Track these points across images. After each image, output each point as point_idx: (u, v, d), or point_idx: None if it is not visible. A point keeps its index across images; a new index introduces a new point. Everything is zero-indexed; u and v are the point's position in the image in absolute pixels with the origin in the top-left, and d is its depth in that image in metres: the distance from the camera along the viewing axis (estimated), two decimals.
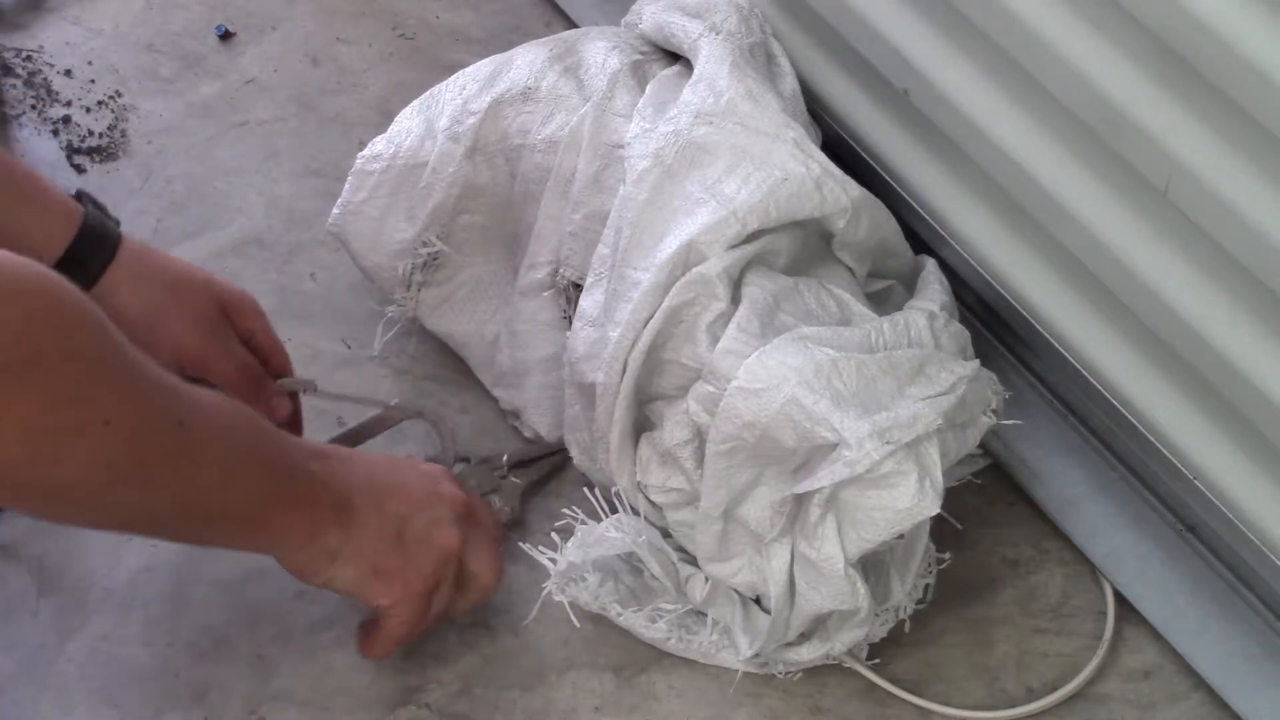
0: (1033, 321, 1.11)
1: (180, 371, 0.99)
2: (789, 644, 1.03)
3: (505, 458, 1.14)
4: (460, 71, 1.18)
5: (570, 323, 1.10)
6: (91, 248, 0.99)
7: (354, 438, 1.13)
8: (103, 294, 0.99)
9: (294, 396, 1.11)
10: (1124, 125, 0.95)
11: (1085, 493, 1.14)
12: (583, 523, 1.06)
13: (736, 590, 1.05)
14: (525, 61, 1.16)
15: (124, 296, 1.00)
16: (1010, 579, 1.12)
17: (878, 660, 1.06)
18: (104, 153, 1.34)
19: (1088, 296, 1.06)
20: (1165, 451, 1.05)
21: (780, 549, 1.01)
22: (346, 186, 1.18)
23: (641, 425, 1.07)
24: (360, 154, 1.17)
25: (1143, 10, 0.90)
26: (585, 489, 1.10)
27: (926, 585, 1.07)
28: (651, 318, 1.02)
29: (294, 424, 1.11)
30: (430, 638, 1.06)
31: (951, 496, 1.07)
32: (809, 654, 1.03)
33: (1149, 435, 1.05)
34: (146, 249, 1.03)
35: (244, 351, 1.06)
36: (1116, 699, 1.06)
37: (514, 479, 1.13)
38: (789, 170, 1.04)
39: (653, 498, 1.07)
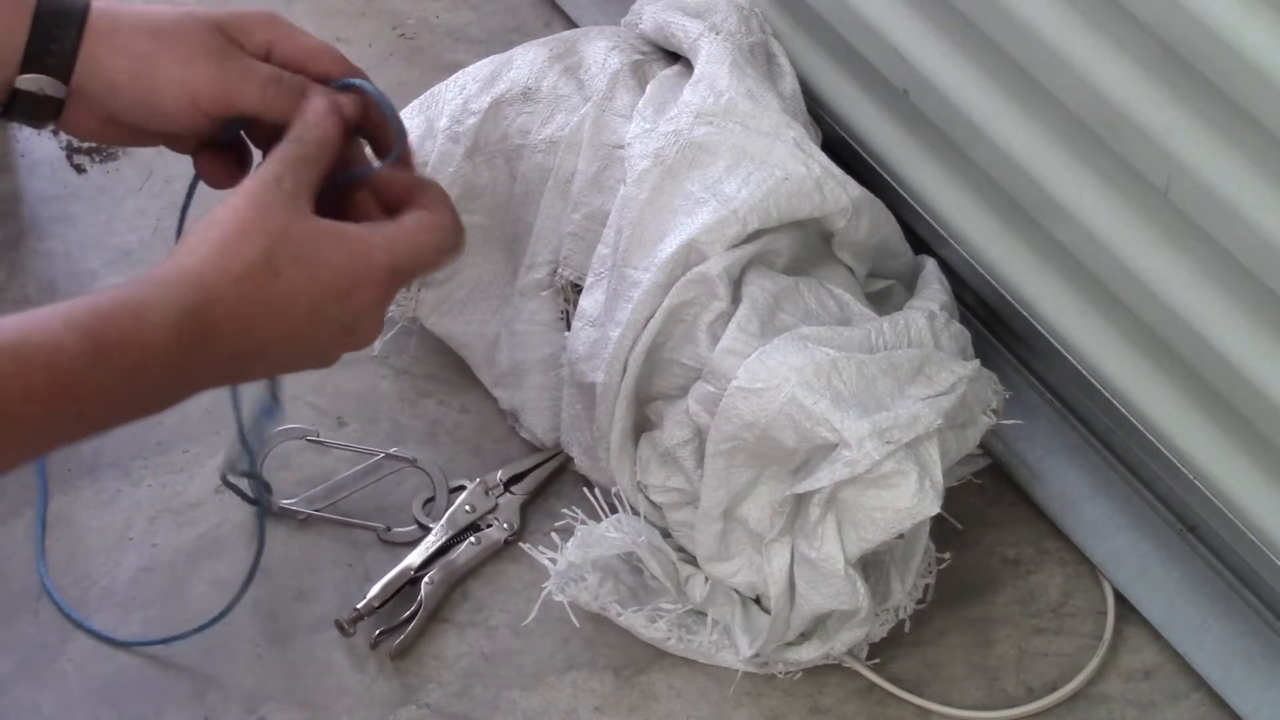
0: (1033, 321, 1.11)
1: (204, 119, 0.84)
2: (789, 644, 1.03)
3: (500, 475, 1.14)
4: (460, 71, 1.18)
5: (569, 323, 1.10)
6: (54, 29, 0.83)
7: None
8: (86, 72, 0.83)
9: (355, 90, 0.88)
10: (1124, 125, 0.95)
11: (1085, 493, 1.14)
12: (583, 523, 1.06)
13: (736, 590, 1.05)
14: (525, 61, 1.16)
15: (108, 65, 0.83)
16: (1010, 579, 1.12)
17: (878, 660, 1.06)
18: (104, 153, 1.34)
19: (1088, 296, 1.06)
20: (1165, 451, 1.05)
21: (780, 549, 1.01)
22: None
23: (642, 425, 1.07)
24: None
25: (1143, 9, 0.90)
26: (585, 489, 1.10)
27: (926, 585, 1.08)
28: (652, 317, 1.02)
29: (373, 124, 0.89)
30: (430, 638, 1.07)
31: (951, 496, 1.07)
32: (809, 654, 1.03)
33: (1149, 435, 1.05)
34: (119, 7, 0.85)
35: (266, 66, 0.86)
36: (1116, 699, 1.06)
37: (511, 493, 1.13)
38: (789, 170, 1.04)
39: (653, 498, 1.07)
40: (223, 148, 0.88)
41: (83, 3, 0.84)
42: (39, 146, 1.34)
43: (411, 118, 1.17)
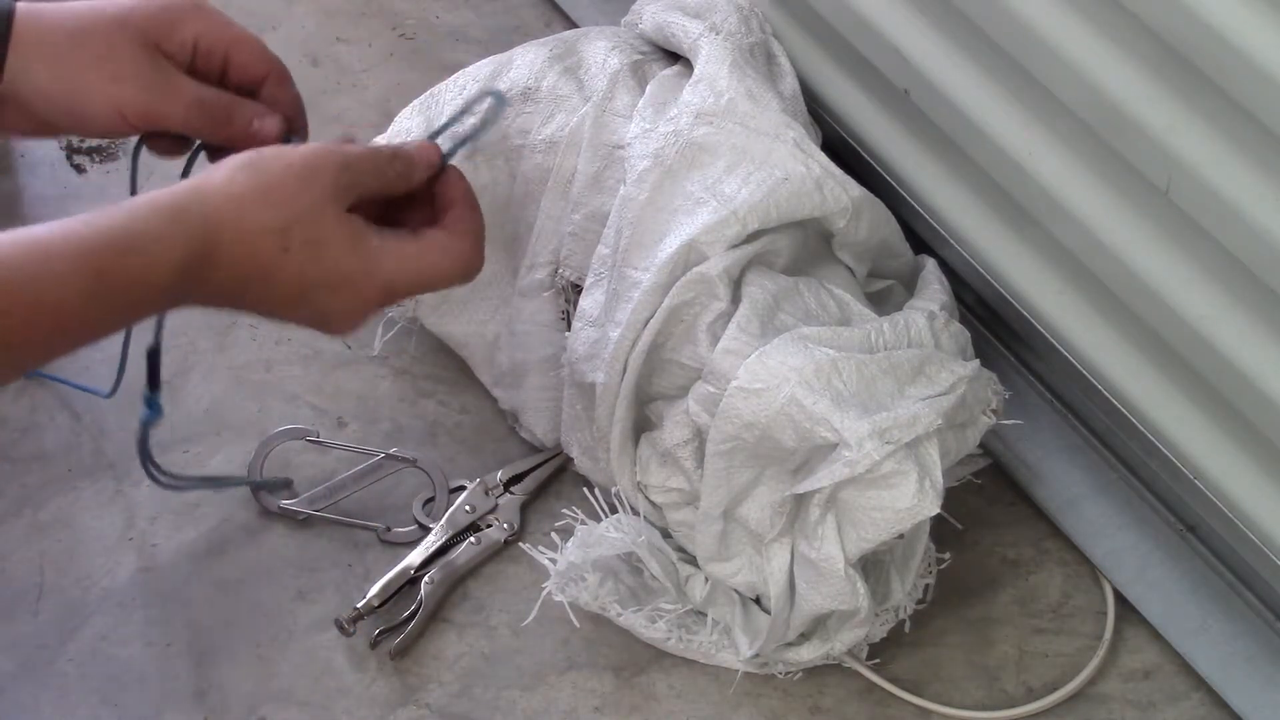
0: (1033, 321, 1.11)
1: (134, 129, 0.87)
2: (789, 644, 1.03)
3: (500, 475, 1.14)
4: (460, 71, 1.18)
5: (570, 323, 1.10)
6: None
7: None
8: (16, 79, 0.84)
9: (289, 115, 0.91)
10: (1125, 124, 0.95)
11: (1085, 493, 1.14)
12: (582, 523, 1.06)
13: (736, 590, 1.05)
14: (525, 61, 1.16)
15: (37, 74, 0.84)
16: (1010, 579, 1.12)
17: (878, 660, 1.06)
18: (104, 153, 1.34)
19: (1088, 296, 1.06)
20: (1165, 451, 1.05)
21: (780, 549, 1.01)
22: None
23: (641, 425, 1.07)
24: None
25: (1144, 9, 0.90)
26: (585, 489, 1.10)
27: (926, 585, 1.08)
28: (652, 318, 1.02)
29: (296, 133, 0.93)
30: (430, 638, 1.07)
31: (951, 496, 1.07)
32: (809, 654, 1.03)
33: (1149, 435, 1.05)
34: (43, 8, 0.86)
35: (192, 86, 0.88)
36: (1116, 699, 1.06)
37: (511, 493, 1.13)
38: (789, 170, 1.04)
39: (653, 498, 1.07)
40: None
41: (6, 5, 0.84)
42: (39, 146, 1.34)
43: (411, 118, 1.17)
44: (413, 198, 0.87)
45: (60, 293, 0.74)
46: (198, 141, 0.91)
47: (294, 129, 0.91)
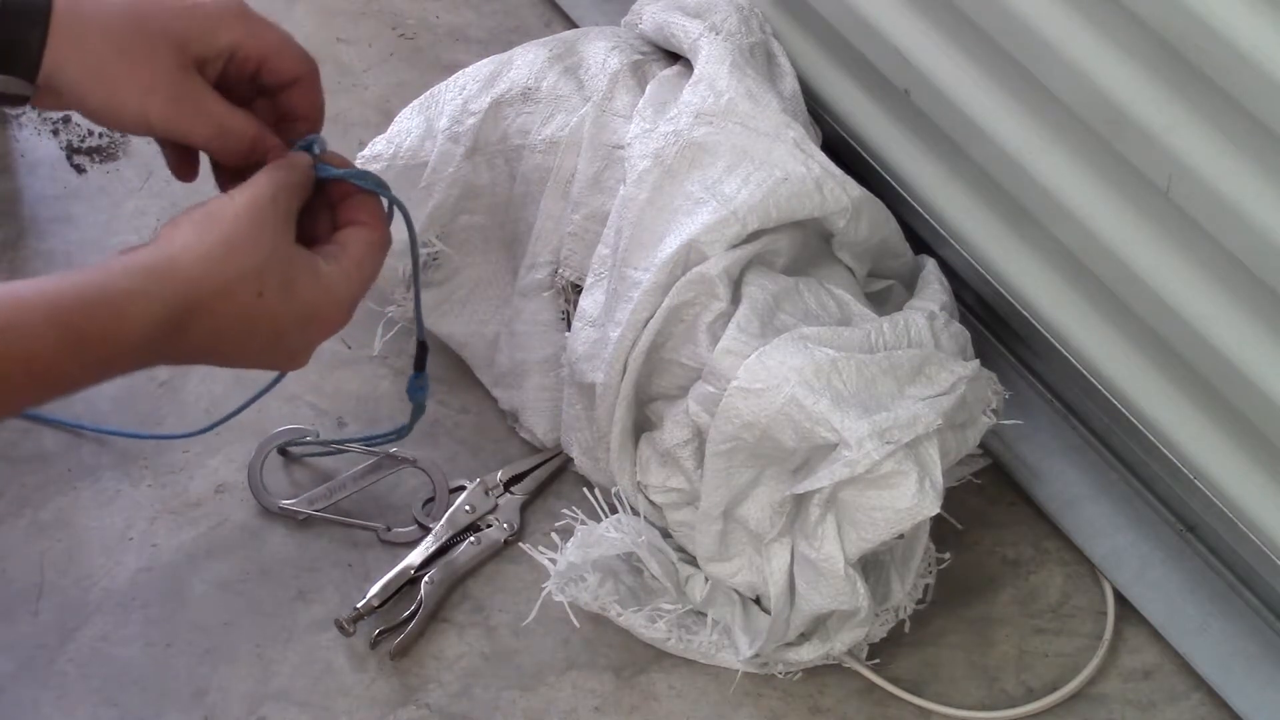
0: (1033, 321, 1.11)
1: (157, 135, 0.89)
2: (789, 644, 1.03)
3: (500, 475, 1.14)
4: (460, 71, 1.18)
5: (570, 323, 1.10)
6: (20, 31, 0.82)
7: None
8: (53, 73, 0.83)
9: (309, 116, 0.92)
10: (1125, 124, 0.95)
11: (1085, 493, 1.14)
12: (582, 523, 1.06)
13: (736, 590, 1.05)
14: (525, 61, 1.16)
15: (74, 71, 0.84)
16: (1010, 579, 1.12)
17: (878, 660, 1.06)
18: (104, 153, 1.34)
19: (1088, 296, 1.06)
20: (1165, 451, 1.05)
21: (780, 549, 1.01)
22: None
23: (641, 425, 1.07)
24: (360, 154, 1.17)
25: (1144, 8, 0.90)
26: (585, 489, 1.10)
27: (926, 585, 1.08)
28: (651, 318, 1.02)
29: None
30: (430, 638, 1.07)
31: (951, 496, 1.07)
32: (809, 654, 1.03)
33: (1149, 435, 1.05)
34: (81, 3, 0.84)
35: (221, 110, 0.88)
36: (1116, 699, 1.06)
37: (511, 493, 1.13)
38: (789, 170, 1.04)
39: (653, 498, 1.07)
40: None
41: (45, 2, 0.83)
42: (39, 147, 1.34)
43: (411, 118, 1.17)
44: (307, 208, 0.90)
45: (32, 345, 0.75)
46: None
47: (311, 130, 0.92)
